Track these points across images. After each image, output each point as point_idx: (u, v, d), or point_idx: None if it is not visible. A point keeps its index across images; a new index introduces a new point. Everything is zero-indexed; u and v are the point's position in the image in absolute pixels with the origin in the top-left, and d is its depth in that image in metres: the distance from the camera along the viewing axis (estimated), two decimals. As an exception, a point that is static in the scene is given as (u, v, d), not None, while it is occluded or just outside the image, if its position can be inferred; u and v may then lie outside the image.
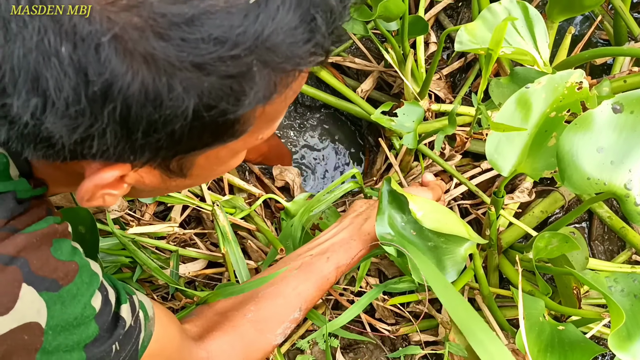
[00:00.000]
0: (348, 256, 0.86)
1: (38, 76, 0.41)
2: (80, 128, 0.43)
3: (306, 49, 0.45)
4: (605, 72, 1.26)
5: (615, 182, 0.71)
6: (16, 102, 0.42)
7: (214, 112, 0.45)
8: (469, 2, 1.31)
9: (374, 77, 1.24)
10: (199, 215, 1.08)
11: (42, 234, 0.52)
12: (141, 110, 0.43)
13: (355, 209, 0.93)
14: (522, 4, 0.80)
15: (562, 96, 0.73)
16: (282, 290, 0.82)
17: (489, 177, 1.16)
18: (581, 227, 1.22)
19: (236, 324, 0.78)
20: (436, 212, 0.76)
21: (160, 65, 0.42)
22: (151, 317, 0.65)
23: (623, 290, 0.67)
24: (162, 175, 0.53)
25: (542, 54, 0.80)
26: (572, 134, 0.71)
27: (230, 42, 0.42)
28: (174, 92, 0.43)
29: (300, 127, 1.34)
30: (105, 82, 0.41)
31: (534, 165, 0.78)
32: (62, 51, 0.41)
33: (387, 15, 0.95)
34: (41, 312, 0.51)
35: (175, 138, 0.46)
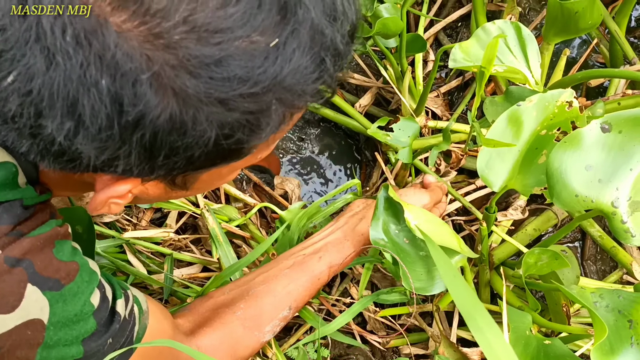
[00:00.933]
0: (341, 256, 0.87)
1: (75, 103, 0.45)
2: (108, 150, 0.47)
3: (315, 87, 0.50)
4: (601, 94, 1.28)
5: (602, 199, 0.72)
6: (51, 125, 0.46)
7: (230, 141, 0.49)
8: (469, 22, 1.34)
9: (372, 92, 1.26)
10: (195, 223, 1.09)
11: (46, 237, 0.56)
12: (167, 137, 0.47)
13: (352, 209, 0.94)
14: (516, 24, 0.82)
15: (552, 115, 0.75)
16: (272, 289, 0.83)
17: (483, 195, 1.17)
18: (574, 247, 1.23)
19: (225, 320, 0.79)
20: (430, 222, 0.77)
21: (189, 100, 0.46)
22: (145, 311, 0.68)
23: (608, 305, 0.68)
24: (166, 188, 0.57)
25: (534, 73, 0.81)
26: (561, 151, 0.73)
27: (252, 81, 0.47)
28: (198, 124, 0.47)
29: (298, 140, 1.36)
30: (139, 112, 0.45)
31: (525, 181, 0.79)
32: (102, 83, 0.44)
33: (386, 32, 0.97)
34: (44, 309, 0.55)
35: (192, 161, 0.50)
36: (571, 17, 0.96)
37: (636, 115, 0.71)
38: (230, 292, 0.83)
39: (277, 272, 0.85)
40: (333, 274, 0.88)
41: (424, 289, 0.75)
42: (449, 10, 1.35)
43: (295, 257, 0.87)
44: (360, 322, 1.05)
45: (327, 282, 0.87)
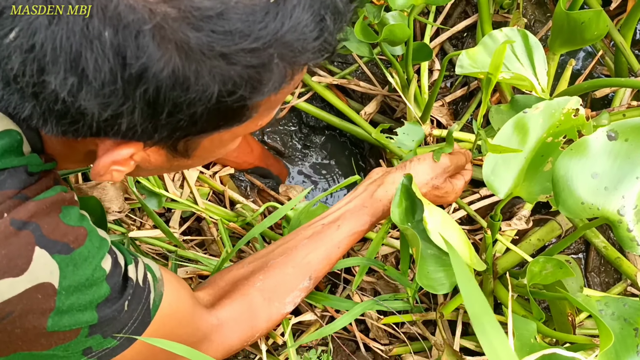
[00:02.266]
0: (360, 224, 0.85)
1: (79, 57, 0.45)
2: (112, 106, 0.47)
3: (316, 45, 0.50)
4: (606, 105, 1.29)
5: (608, 207, 0.72)
6: (54, 80, 0.46)
7: (233, 98, 0.49)
8: (474, 32, 1.34)
9: (378, 100, 1.26)
10: (199, 227, 1.09)
11: (51, 201, 0.56)
12: (170, 93, 0.47)
13: (370, 176, 0.92)
14: (523, 31, 0.83)
15: (558, 122, 0.75)
16: (291, 259, 0.82)
17: (487, 204, 1.17)
18: (577, 259, 1.23)
19: (245, 292, 0.78)
20: (448, 227, 0.76)
21: (191, 53, 0.46)
22: (159, 279, 0.67)
23: (614, 313, 0.68)
24: (167, 155, 0.57)
25: (540, 80, 0.82)
26: (567, 159, 0.72)
27: (253, 36, 0.47)
28: (200, 78, 0.47)
29: (303, 147, 1.36)
30: (142, 65, 0.45)
31: (530, 189, 0.79)
32: (105, 35, 0.44)
33: (392, 39, 0.98)
34: (54, 273, 0.54)
35: (194, 120, 0.50)
36: (577, 28, 0.96)
37: (642, 124, 0.71)
38: (249, 265, 0.83)
39: (296, 242, 0.84)
40: (354, 242, 0.86)
41: (432, 287, 0.75)
42: (455, 20, 1.36)
43: (314, 228, 0.86)
44: (363, 330, 1.04)
45: (347, 250, 0.86)
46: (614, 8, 1.31)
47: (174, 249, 0.96)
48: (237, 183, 1.26)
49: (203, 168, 1.17)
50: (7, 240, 0.52)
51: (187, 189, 1.09)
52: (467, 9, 1.37)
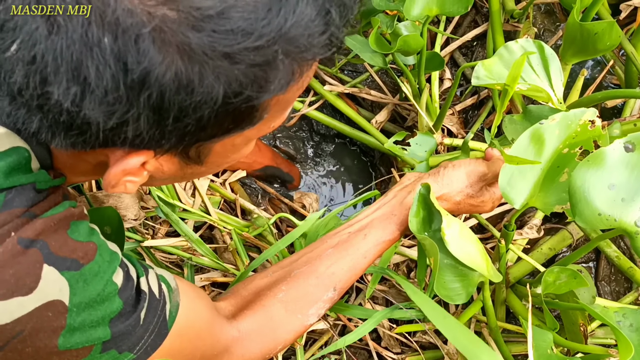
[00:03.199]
0: (388, 232, 0.81)
1: (80, 65, 0.44)
2: (116, 114, 0.46)
3: (322, 40, 0.49)
4: (616, 115, 1.29)
5: (625, 219, 0.72)
6: (57, 90, 0.45)
7: (240, 99, 0.48)
8: (484, 41, 1.35)
9: (389, 109, 1.27)
10: (212, 235, 1.09)
11: (59, 217, 0.55)
12: (174, 97, 0.46)
13: (402, 182, 0.87)
14: (538, 42, 0.83)
15: (575, 133, 0.75)
16: (315, 269, 0.79)
17: (498, 212, 1.18)
18: (588, 267, 1.23)
19: (266, 303, 0.76)
20: (465, 238, 0.75)
21: (193, 55, 0.45)
22: (174, 289, 0.66)
23: (632, 325, 0.68)
24: (180, 163, 0.56)
25: (556, 91, 0.82)
26: (584, 170, 0.73)
27: (256, 34, 0.46)
28: (205, 80, 0.46)
29: (313, 155, 1.36)
30: (144, 70, 0.45)
31: (546, 199, 0.80)
32: (105, 41, 0.44)
33: (406, 49, 0.98)
34: (63, 290, 0.54)
35: (202, 124, 0.49)
36: (590, 38, 0.97)
37: (660, 136, 0.72)
38: (272, 275, 0.80)
39: (321, 252, 0.80)
40: (381, 252, 0.82)
41: (449, 297, 0.75)
42: (465, 29, 1.37)
43: (340, 236, 0.82)
44: (375, 338, 1.04)
45: (374, 260, 0.82)
46: (624, 18, 1.31)
47: (189, 255, 0.96)
48: (249, 191, 1.26)
49: (213, 176, 1.17)
50: (14, 259, 0.52)
51: (199, 198, 1.09)
52: (477, 18, 1.38)
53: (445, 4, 0.92)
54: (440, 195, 0.81)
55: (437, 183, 0.82)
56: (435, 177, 0.83)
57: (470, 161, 0.85)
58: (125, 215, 0.95)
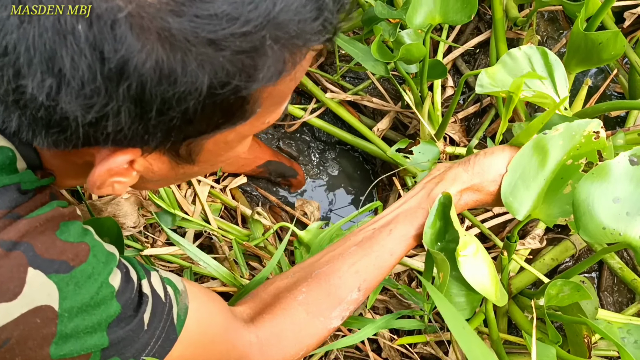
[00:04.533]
0: (414, 227, 0.75)
1: (53, 55, 0.42)
2: (95, 107, 0.43)
3: (315, 26, 0.46)
4: (619, 124, 1.28)
5: (630, 233, 0.71)
6: (31, 83, 0.43)
7: (227, 90, 0.45)
8: (487, 49, 1.34)
9: (391, 117, 1.26)
10: (211, 244, 1.09)
11: (46, 218, 0.52)
12: (156, 88, 0.43)
13: (432, 173, 0.80)
14: (542, 49, 0.82)
15: (579, 144, 0.74)
16: (337, 269, 0.73)
17: (500, 222, 1.17)
18: (591, 278, 1.22)
19: (286, 306, 0.72)
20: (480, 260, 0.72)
21: (174, 42, 0.42)
22: (182, 291, 0.63)
23: (636, 342, 0.67)
24: (171, 162, 0.53)
25: (561, 97, 0.81)
26: (589, 183, 0.72)
27: (242, 19, 0.43)
28: (188, 68, 0.43)
29: (315, 162, 1.35)
30: (121, 59, 0.42)
31: (549, 211, 0.79)
32: (79, 29, 0.41)
33: (409, 57, 0.97)
34: (52, 294, 0.50)
35: (188, 117, 0.46)
36: (594, 48, 0.96)
37: (665, 149, 0.71)
38: (293, 275, 0.75)
39: (344, 250, 0.75)
40: (409, 248, 0.76)
41: None
42: (467, 37, 1.36)
43: (365, 232, 0.76)
44: (375, 349, 1.03)
45: (402, 256, 0.76)
46: (628, 26, 1.31)
47: (189, 265, 0.95)
48: (249, 198, 1.25)
49: (214, 182, 1.17)
50: None
51: (199, 205, 1.08)
52: (479, 26, 1.37)
53: (448, 12, 0.92)
54: (470, 185, 0.75)
55: (467, 172, 0.76)
56: (465, 166, 0.77)
57: (505, 147, 0.77)
58: (124, 223, 0.94)
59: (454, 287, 0.74)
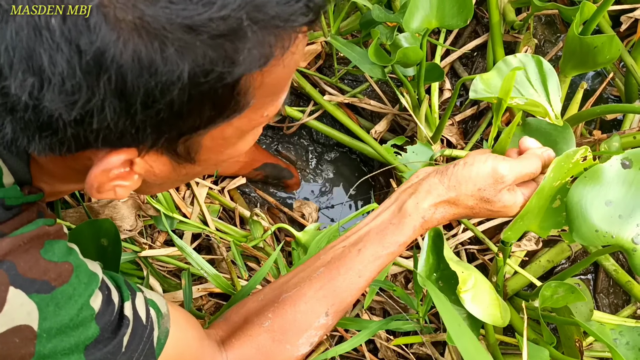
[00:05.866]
0: (384, 246, 0.70)
1: (32, 53, 0.41)
2: (78, 103, 0.43)
3: (298, 7, 0.45)
4: (616, 127, 1.29)
5: (623, 235, 0.72)
6: (13, 84, 0.42)
7: (211, 78, 0.44)
8: (484, 52, 1.35)
9: (388, 119, 1.27)
10: (210, 244, 1.09)
11: (31, 236, 0.52)
12: (137, 80, 0.42)
13: (410, 180, 0.74)
14: (537, 57, 0.83)
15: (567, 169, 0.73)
16: (303, 293, 0.71)
17: (496, 224, 1.17)
18: (586, 279, 1.22)
19: (253, 333, 0.71)
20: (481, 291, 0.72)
21: (150, 30, 0.42)
22: (165, 314, 0.63)
23: (628, 343, 0.68)
24: (172, 162, 0.52)
25: (554, 107, 0.82)
26: (581, 186, 0.72)
27: (219, 3, 0.42)
28: (167, 57, 0.42)
29: (313, 163, 1.36)
30: (97, 50, 0.41)
31: (542, 223, 0.79)
32: (52, 23, 0.40)
33: (405, 61, 0.98)
34: (32, 314, 0.50)
35: (176, 110, 0.45)
36: (590, 52, 0.97)
37: (657, 153, 0.72)
38: (264, 297, 0.74)
39: (312, 272, 0.72)
40: (380, 268, 0.72)
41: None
42: (465, 40, 1.37)
43: (334, 251, 0.73)
44: (372, 349, 1.04)
45: (374, 277, 0.73)
46: (624, 29, 1.31)
47: (186, 266, 0.96)
48: (247, 200, 1.26)
49: (212, 183, 1.18)
50: None
51: (197, 207, 1.09)
52: (477, 29, 1.38)
53: (445, 17, 0.92)
54: (446, 199, 0.70)
55: (442, 184, 0.70)
56: (442, 177, 0.71)
57: (488, 157, 0.70)
58: (120, 226, 0.95)
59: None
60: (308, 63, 1.31)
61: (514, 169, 0.69)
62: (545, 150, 0.72)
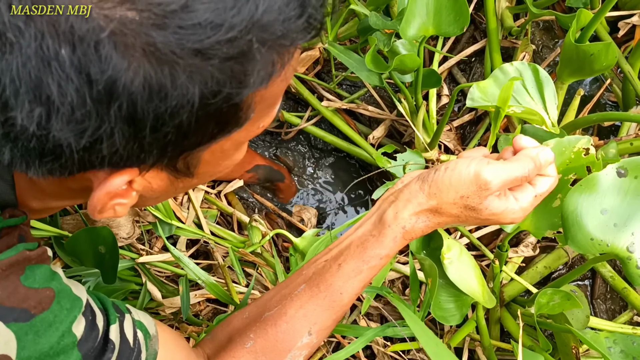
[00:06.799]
0: (366, 259, 0.68)
1: (40, 84, 0.41)
2: (88, 131, 0.43)
3: (300, 24, 0.45)
4: (613, 133, 1.29)
5: (617, 244, 0.72)
6: (20, 115, 0.42)
7: (219, 98, 0.45)
8: (482, 57, 1.35)
9: (386, 125, 1.27)
10: (207, 250, 1.10)
11: (10, 262, 0.51)
12: (147, 105, 0.43)
13: (395, 185, 0.71)
14: (533, 66, 0.84)
15: (568, 160, 0.75)
16: (284, 312, 0.70)
17: (493, 230, 1.18)
18: (584, 285, 1.23)
19: (236, 355, 0.69)
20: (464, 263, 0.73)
21: (161, 56, 0.42)
22: (153, 335, 0.63)
23: (622, 351, 0.68)
24: (170, 177, 0.52)
25: (550, 114, 0.82)
26: (577, 194, 0.73)
27: (227, 25, 0.42)
28: (177, 82, 0.43)
29: (311, 168, 1.37)
30: (109, 79, 0.41)
31: (538, 224, 0.80)
32: (62, 53, 0.40)
33: (403, 68, 0.99)
34: (10, 343, 0.50)
35: (183, 131, 0.45)
36: (586, 59, 0.97)
37: (652, 161, 0.72)
38: (248, 316, 0.72)
39: (293, 289, 0.71)
40: (365, 282, 0.70)
41: (444, 319, 0.75)
42: (463, 45, 1.37)
43: (316, 266, 0.71)
44: (369, 355, 1.04)
45: (357, 294, 0.70)
46: (622, 35, 1.32)
47: (184, 272, 0.97)
48: (245, 205, 1.26)
49: (209, 187, 1.18)
50: None
51: (192, 212, 1.09)
52: (475, 34, 1.38)
53: (441, 24, 0.93)
54: (427, 208, 0.66)
55: (422, 192, 0.66)
56: (422, 184, 0.67)
57: (472, 161, 0.65)
58: (117, 234, 0.95)
59: (443, 293, 0.75)
60: (306, 69, 1.31)
61: (501, 174, 0.63)
62: (541, 151, 0.66)
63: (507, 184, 0.64)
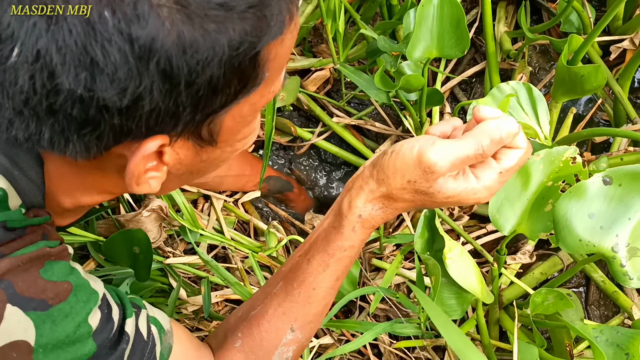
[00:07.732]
0: (330, 252, 0.67)
1: (84, 48, 0.44)
2: (129, 89, 0.45)
3: None
4: (606, 149, 1.37)
5: (603, 244, 0.80)
6: (67, 80, 0.44)
7: (242, 50, 0.48)
8: (482, 78, 1.44)
9: (392, 140, 1.35)
10: (225, 254, 1.17)
11: (30, 257, 0.54)
12: (181, 59, 0.46)
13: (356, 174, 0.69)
14: (527, 85, 0.92)
15: (558, 168, 0.83)
16: (265, 312, 0.70)
17: (493, 239, 1.25)
18: (578, 292, 1.30)
19: (228, 354, 0.71)
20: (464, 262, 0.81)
21: (190, 11, 0.45)
22: (168, 331, 0.65)
23: (608, 340, 0.75)
24: (195, 147, 0.54)
25: (543, 128, 0.91)
26: (567, 200, 0.81)
27: None
28: (207, 35, 0.46)
29: (322, 181, 1.45)
30: (148, 36, 0.44)
31: (532, 227, 0.87)
32: (105, 15, 0.43)
33: (408, 87, 1.07)
34: (28, 330, 0.53)
35: (213, 85, 0.48)
36: (577, 80, 1.06)
37: (635, 171, 0.80)
38: (241, 315, 0.73)
39: (272, 286, 0.71)
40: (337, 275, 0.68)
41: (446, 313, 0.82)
42: (464, 66, 1.46)
43: (292, 261, 0.71)
44: (376, 354, 1.11)
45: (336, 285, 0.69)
46: (614, 58, 1.41)
47: (205, 274, 1.04)
48: (260, 214, 1.34)
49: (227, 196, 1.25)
50: None
51: (213, 218, 1.17)
52: (476, 57, 1.47)
53: (444, 48, 1.02)
54: (379, 195, 0.64)
55: (372, 178, 0.64)
56: (372, 169, 0.64)
57: (417, 142, 0.61)
58: (144, 237, 1.03)
59: (445, 291, 0.82)
60: (317, 87, 1.40)
61: (448, 154, 0.59)
62: (502, 122, 0.59)
63: (459, 164, 0.59)
